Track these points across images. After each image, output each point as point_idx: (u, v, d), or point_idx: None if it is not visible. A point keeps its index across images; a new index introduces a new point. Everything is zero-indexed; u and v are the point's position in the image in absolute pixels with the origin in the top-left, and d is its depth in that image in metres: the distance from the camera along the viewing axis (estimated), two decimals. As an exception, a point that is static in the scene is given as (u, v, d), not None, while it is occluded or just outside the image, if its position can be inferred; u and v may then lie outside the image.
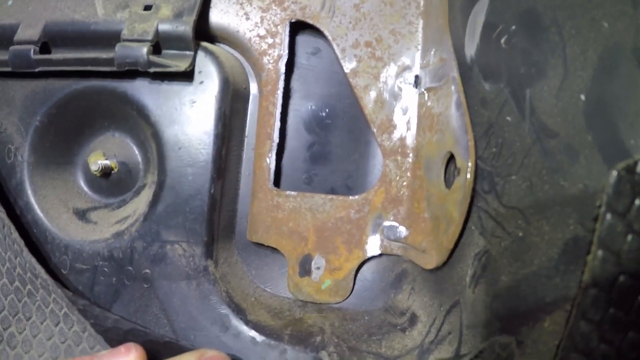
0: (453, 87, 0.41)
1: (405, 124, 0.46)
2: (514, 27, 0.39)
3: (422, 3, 0.47)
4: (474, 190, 0.39)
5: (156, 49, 0.44)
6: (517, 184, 0.37)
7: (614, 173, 0.28)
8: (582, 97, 0.32)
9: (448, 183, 0.42)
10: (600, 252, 0.29)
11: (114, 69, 0.44)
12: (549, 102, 0.35)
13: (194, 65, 0.44)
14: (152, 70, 0.43)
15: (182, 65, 0.43)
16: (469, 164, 0.38)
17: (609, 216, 0.28)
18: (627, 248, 0.28)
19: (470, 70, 0.42)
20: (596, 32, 0.31)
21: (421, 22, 0.47)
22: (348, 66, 0.46)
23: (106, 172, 0.49)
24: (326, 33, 0.46)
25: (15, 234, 0.46)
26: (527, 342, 0.35)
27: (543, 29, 0.36)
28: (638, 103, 0.29)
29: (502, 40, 0.40)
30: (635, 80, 0.30)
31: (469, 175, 0.38)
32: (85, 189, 0.51)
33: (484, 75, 0.41)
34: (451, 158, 0.42)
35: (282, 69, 0.46)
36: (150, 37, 0.43)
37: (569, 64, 0.34)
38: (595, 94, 0.32)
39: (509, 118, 0.38)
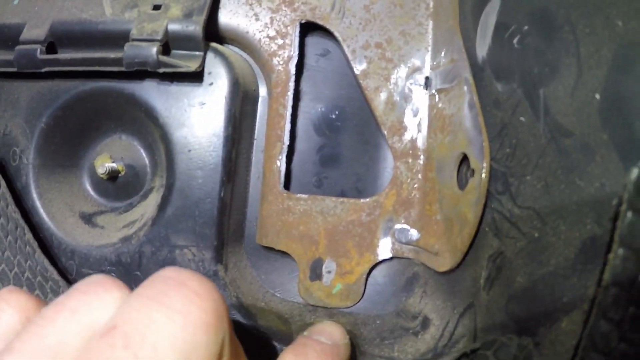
0: (466, 88, 0.42)
1: (416, 125, 0.46)
2: (526, 27, 0.40)
3: (431, 4, 0.47)
4: (487, 191, 0.40)
5: (165, 49, 0.44)
6: (532, 184, 0.37)
7: (635, 171, 0.28)
8: (597, 96, 0.33)
9: (461, 184, 0.42)
10: (621, 251, 0.29)
11: (122, 69, 0.44)
12: (563, 102, 0.35)
13: (203, 66, 0.45)
14: (161, 70, 0.43)
15: (192, 66, 0.43)
16: (484, 165, 0.38)
17: (630, 214, 0.29)
18: (650, 246, 0.28)
19: (482, 71, 0.43)
20: (610, 31, 0.32)
21: (431, 23, 0.47)
22: (358, 67, 0.47)
23: (113, 175, 0.50)
24: (336, 34, 0.47)
25: (29, 235, 0.46)
26: (545, 342, 0.35)
27: (556, 29, 0.37)
28: (654, 101, 0.30)
29: (515, 41, 0.41)
30: (651, 77, 0.30)
31: (483, 176, 0.38)
32: (92, 192, 0.51)
33: (496, 76, 0.42)
34: (464, 160, 0.42)
35: (293, 70, 0.46)
36: (159, 37, 0.43)
37: (583, 63, 0.34)
38: (610, 92, 0.32)
39: (522, 118, 0.39)
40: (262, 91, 0.49)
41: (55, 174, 0.50)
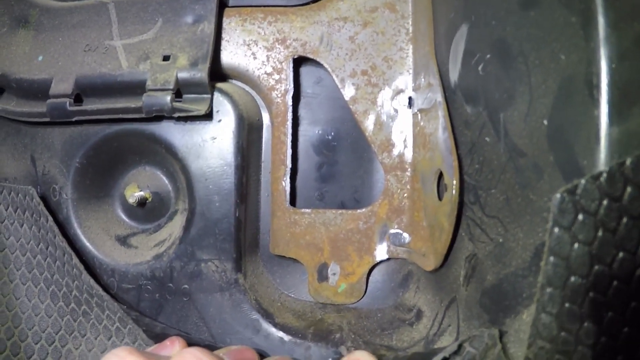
0: (440, 112, 0.51)
1: (402, 142, 0.56)
2: (489, 56, 0.48)
3: (410, 29, 0.57)
4: (462, 202, 0.50)
5: (177, 94, 0.55)
6: (496, 197, 0.47)
7: (557, 195, 0.38)
8: (545, 121, 0.41)
9: (440, 195, 0.52)
10: (551, 259, 0.39)
11: (143, 115, 0.55)
12: (518, 126, 0.44)
13: (212, 107, 0.55)
14: (176, 115, 0.54)
15: (201, 109, 0.54)
16: (454, 182, 0.48)
17: (556, 229, 0.38)
18: (575, 254, 0.38)
19: (454, 94, 0.52)
20: (555, 64, 0.39)
21: (411, 47, 0.57)
22: (347, 94, 0.57)
23: (141, 202, 0.61)
24: (326, 66, 0.57)
25: (76, 260, 0.58)
26: (510, 331, 0.45)
27: (512, 59, 0.45)
28: (589, 129, 0.37)
29: (480, 68, 0.49)
30: (587, 108, 0.38)
31: (454, 192, 0.48)
32: (124, 217, 0.63)
33: (465, 99, 0.51)
34: (441, 174, 0.52)
35: (290, 102, 0.57)
36: (171, 86, 0.54)
37: (534, 91, 0.42)
38: (555, 119, 0.40)
39: (487, 139, 0.48)
40: (267, 119, 0.60)
41: (92, 204, 0.62)
